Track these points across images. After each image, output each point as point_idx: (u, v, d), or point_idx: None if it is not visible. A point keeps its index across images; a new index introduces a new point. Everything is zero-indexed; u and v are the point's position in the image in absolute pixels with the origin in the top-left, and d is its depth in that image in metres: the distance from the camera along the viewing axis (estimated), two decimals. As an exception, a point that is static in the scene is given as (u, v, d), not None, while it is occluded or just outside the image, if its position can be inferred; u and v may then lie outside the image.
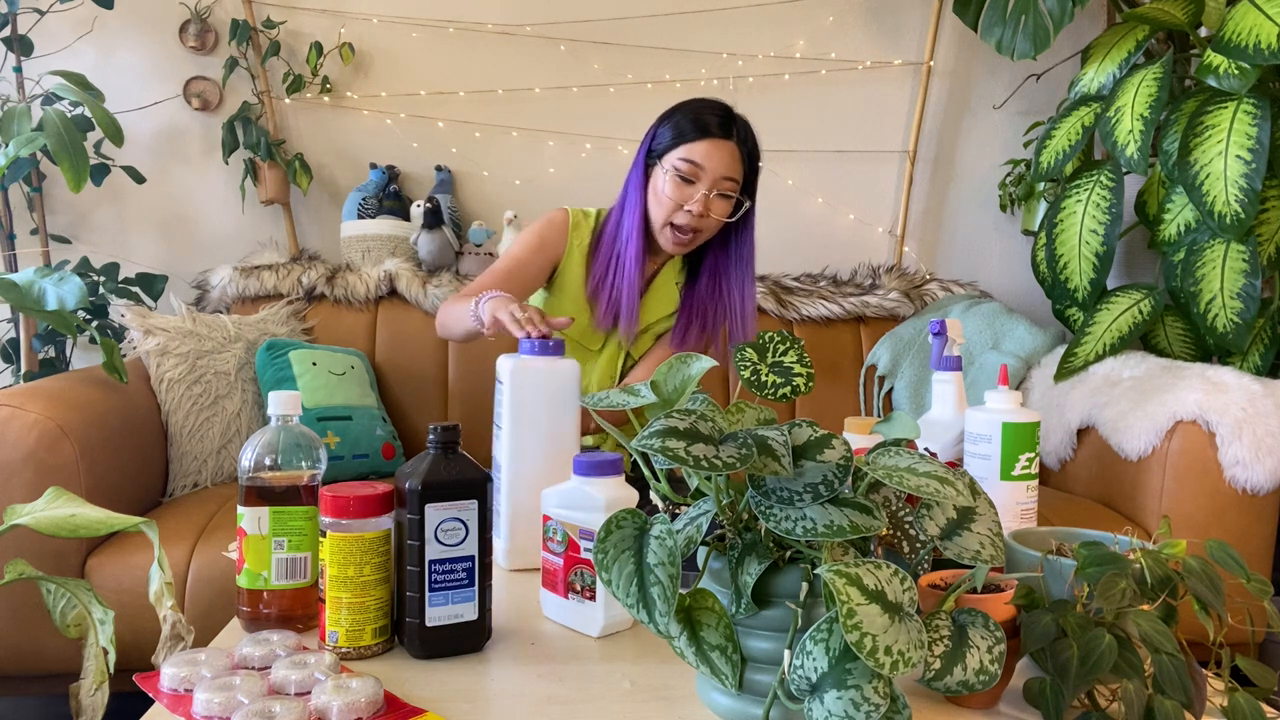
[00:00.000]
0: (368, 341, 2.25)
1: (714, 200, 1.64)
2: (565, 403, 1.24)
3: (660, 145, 1.67)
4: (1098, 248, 2.09)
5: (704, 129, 1.63)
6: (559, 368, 1.24)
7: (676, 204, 1.63)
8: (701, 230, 1.66)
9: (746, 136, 1.68)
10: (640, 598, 0.70)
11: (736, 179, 1.65)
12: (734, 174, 1.65)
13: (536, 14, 2.49)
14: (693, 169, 1.62)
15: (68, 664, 1.56)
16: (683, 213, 1.63)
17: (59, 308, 1.61)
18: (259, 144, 2.34)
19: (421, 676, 0.89)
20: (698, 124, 1.63)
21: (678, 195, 1.63)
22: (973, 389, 2.17)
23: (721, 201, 1.65)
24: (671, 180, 1.63)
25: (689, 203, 1.62)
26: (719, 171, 1.62)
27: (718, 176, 1.62)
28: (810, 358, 0.92)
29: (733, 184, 1.65)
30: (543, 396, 1.23)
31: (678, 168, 1.63)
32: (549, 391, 1.24)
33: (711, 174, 1.62)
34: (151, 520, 1.20)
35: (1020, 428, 1.17)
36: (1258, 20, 1.84)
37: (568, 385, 1.24)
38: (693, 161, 1.62)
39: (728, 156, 1.63)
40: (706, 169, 1.62)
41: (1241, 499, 1.71)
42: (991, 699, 0.83)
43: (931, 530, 0.79)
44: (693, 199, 1.62)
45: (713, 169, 1.62)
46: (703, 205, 1.62)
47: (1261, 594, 0.79)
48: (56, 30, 2.36)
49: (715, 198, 1.64)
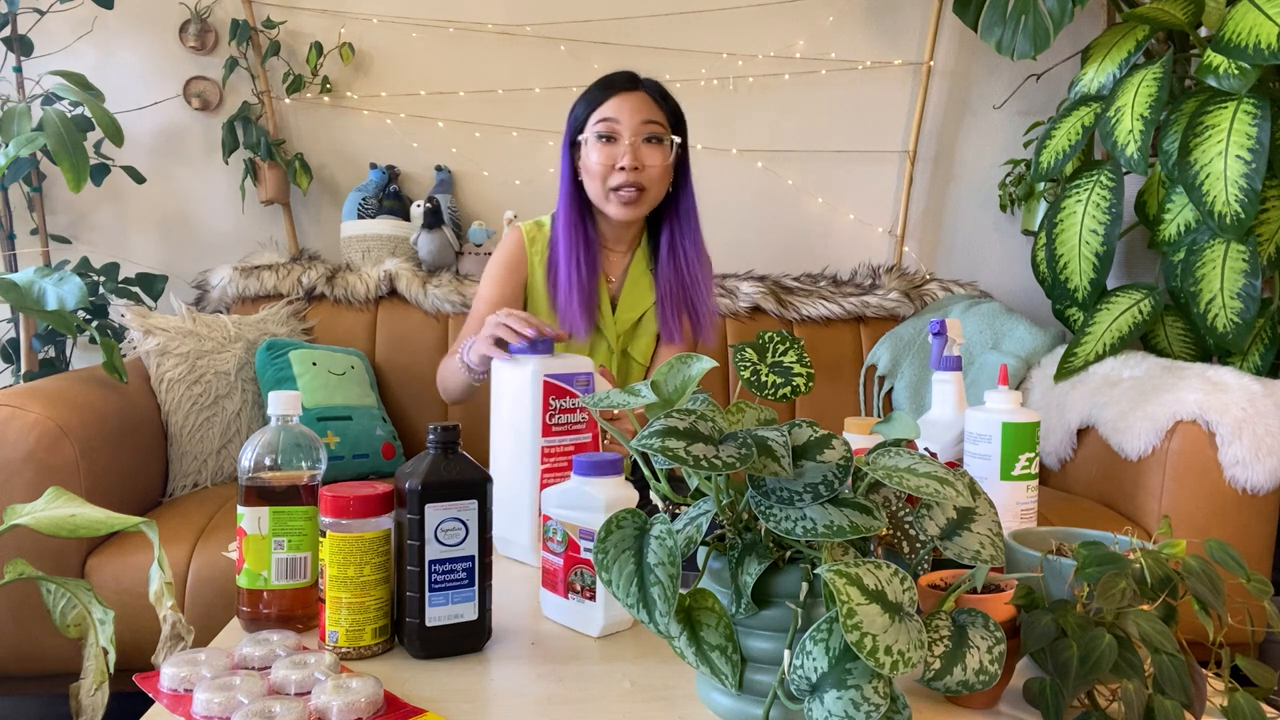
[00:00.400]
0: (368, 341, 2.25)
1: (642, 147, 1.63)
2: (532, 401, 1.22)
3: (577, 124, 1.68)
4: (1098, 248, 2.09)
5: (610, 87, 1.65)
6: (526, 368, 1.23)
7: (607, 166, 1.62)
8: (644, 185, 1.64)
9: (654, 86, 1.69)
10: (640, 598, 0.70)
11: (658, 120, 1.65)
12: (653, 116, 1.64)
13: (536, 14, 2.49)
14: (610, 125, 1.62)
15: (68, 664, 1.56)
16: (616, 172, 1.62)
17: (59, 308, 1.61)
18: (259, 144, 2.34)
19: (421, 676, 0.89)
20: (603, 86, 1.66)
21: (605, 157, 1.62)
22: (973, 389, 2.17)
23: (651, 148, 1.64)
24: (595, 146, 1.63)
25: (619, 160, 1.61)
26: (637, 117, 1.62)
27: (637, 123, 1.62)
28: (810, 358, 0.92)
29: (656, 126, 1.64)
30: (517, 396, 1.24)
31: (597, 131, 1.63)
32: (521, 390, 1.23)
33: (630, 123, 1.62)
34: (151, 520, 1.20)
35: (1020, 428, 1.17)
36: (1258, 20, 1.84)
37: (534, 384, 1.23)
38: (607, 118, 1.62)
39: (640, 103, 1.64)
40: (623, 120, 1.62)
41: (1241, 499, 1.71)
42: (991, 699, 0.83)
43: (931, 530, 0.79)
44: (620, 155, 1.61)
45: (629, 118, 1.62)
46: (632, 155, 1.61)
47: (1261, 594, 0.79)
48: (56, 30, 2.36)
49: (643, 145, 1.63)
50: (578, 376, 1.24)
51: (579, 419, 1.25)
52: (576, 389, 1.23)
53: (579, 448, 1.25)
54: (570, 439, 1.24)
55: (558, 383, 1.23)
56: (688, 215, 1.74)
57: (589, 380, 1.25)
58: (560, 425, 1.23)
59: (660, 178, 1.66)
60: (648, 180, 1.64)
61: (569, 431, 1.23)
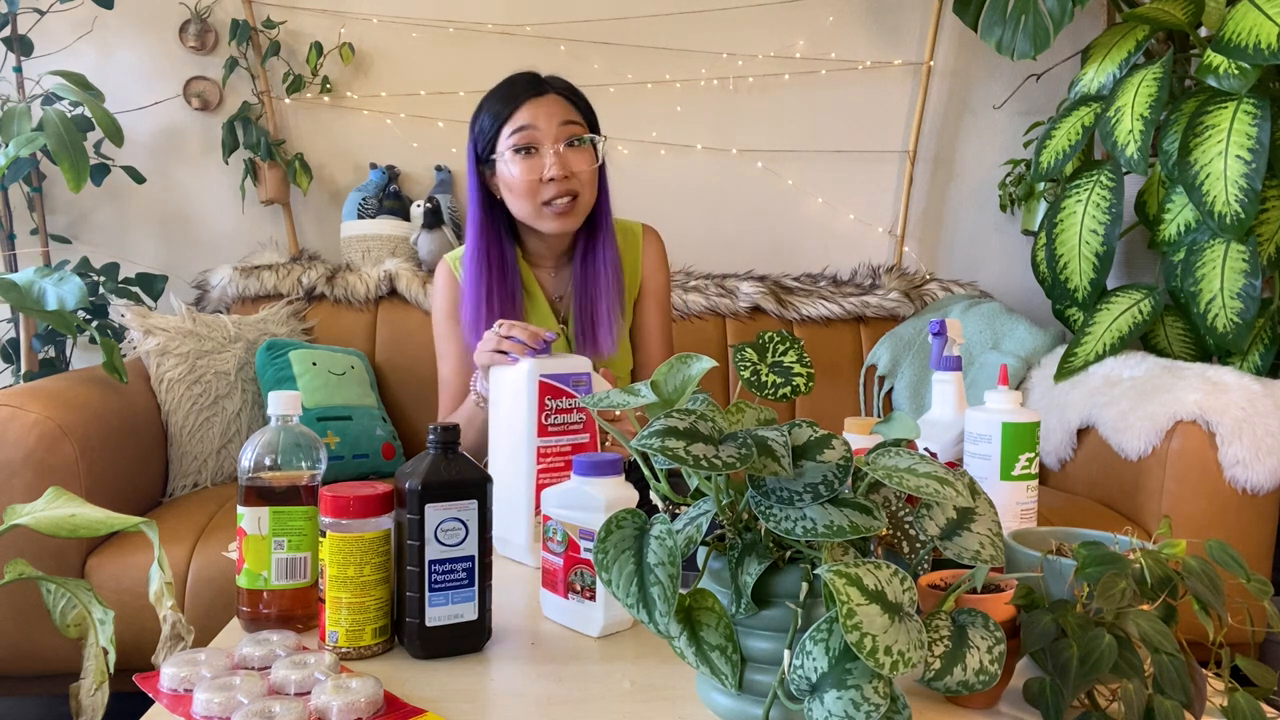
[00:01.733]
0: (368, 341, 2.25)
1: (567, 153, 1.51)
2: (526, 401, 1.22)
3: (484, 143, 1.55)
4: (1098, 248, 2.09)
5: (516, 95, 1.52)
6: (522, 368, 1.23)
7: (533, 180, 1.50)
8: (576, 192, 1.52)
9: (563, 85, 1.57)
10: (640, 598, 0.70)
11: (576, 120, 1.53)
12: (570, 116, 1.53)
13: (536, 14, 2.49)
14: (528, 134, 1.50)
15: (68, 664, 1.56)
16: (545, 185, 1.50)
17: (59, 308, 1.61)
18: (259, 144, 2.34)
19: (421, 676, 0.89)
20: (508, 96, 1.53)
21: (528, 171, 1.50)
22: (973, 389, 2.17)
23: (576, 151, 1.52)
24: (514, 161, 1.50)
25: (545, 170, 1.49)
26: (554, 121, 1.50)
27: (555, 127, 1.50)
28: (810, 358, 0.92)
29: (576, 126, 1.53)
30: (514, 396, 1.24)
31: (513, 144, 1.50)
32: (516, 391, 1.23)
33: (549, 129, 1.50)
34: (151, 520, 1.20)
35: (1020, 428, 1.17)
36: (1258, 20, 1.83)
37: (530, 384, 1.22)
38: (523, 127, 1.50)
39: (554, 105, 1.52)
40: (541, 127, 1.50)
41: (1241, 499, 1.71)
42: (991, 699, 0.83)
43: (931, 530, 0.79)
44: (546, 165, 1.49)
45: (546, 123, 1.50)
46: (559, 163, 1.49)
47: (1261, 594, 0.79)
48: (56, 30, 2.35)
49: (566, 150, 1.51)
50: (574, 377, 1.22)
51: (576, 419, 1.23)
52: (573, 389, 1.22)
53: (577, 448, 1.23)
54: (567, 439, 1.22)
55: (553, 383, 1.21)
56: (603, 223, 1.61)
57: (586, 380, 1.24)
58: (557, 425, 1.22)
59: (591, 181, 1.55)
60: (579, 186, 1.53)
61: (566, 432, 1.22)
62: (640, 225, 1.73)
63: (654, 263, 1.72)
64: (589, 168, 1.54)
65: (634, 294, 1.72)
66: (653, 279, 1.72)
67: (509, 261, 1.59)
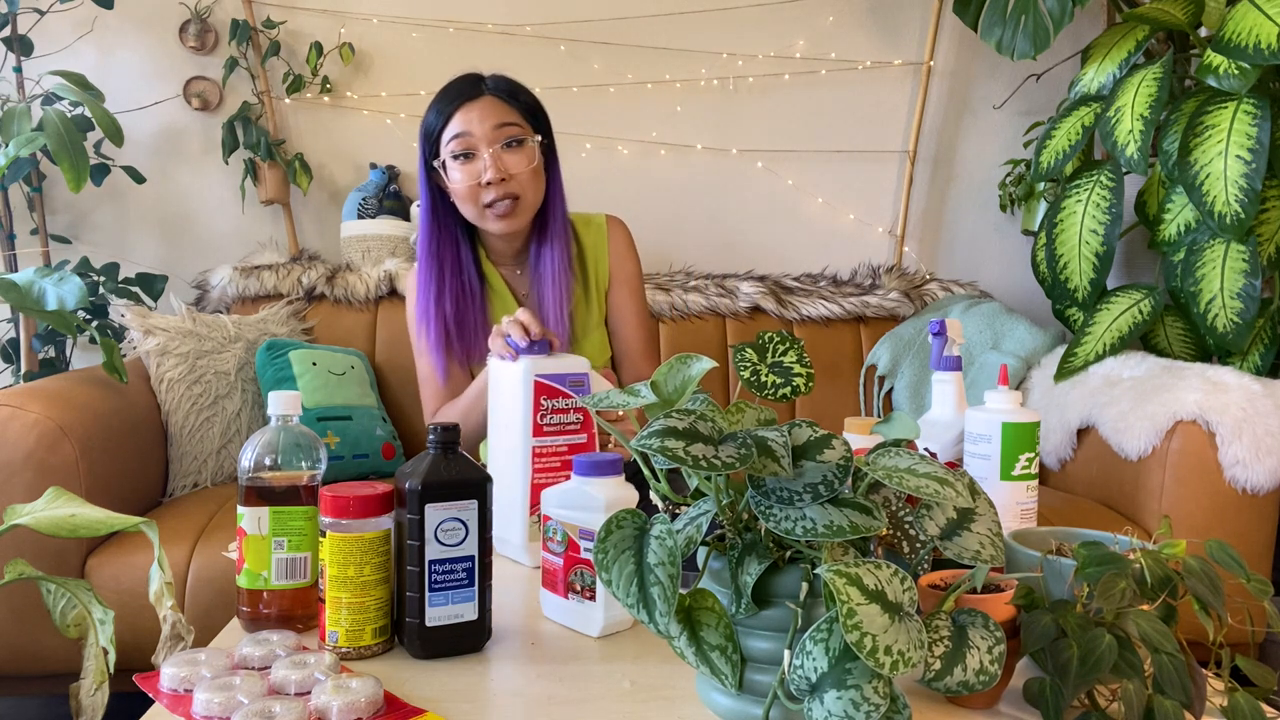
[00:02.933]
0: (368, 341, 2.25)
1: (503, 155, 1.52)
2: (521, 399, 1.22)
3: (429, 146, 1.58)
4: (1098, 248, 2.09)
5: (452, 101, 1.54)
6: (518, 367, 1.23)
7: (473, 185, 1.52)
8: (517, 194, 1.54)
9: (502, 84, 1.58)
10: (640, 598, 0.70)
11: (513, 121, 1.54)
12: (506, 118, 1.53)
13: (536, 14, 2.49)
14: (463, 140, 1.52)
15: (68, 664, 1.56)
16: (484, 188, 1.52)
17: (59, 308, 1.61)
18: (259, 144, 2.34)
19: (421, 676, 0.89)
20: (445, 101, 1.55)
21: (468, 176, 1.52)
22: (973, 389, 2.17)
23: (513, 153, 1.53)
24: (455, 167, 1.53)
25: (482, 174, 1.51)
26: (488, 124, 1.51)
27: (489, 130, 1.52)
28: (810, 358, 0.92)
29: (513, 128, 1.53)
30: (510, 396, 1.24)
31: (452, 150, 1.53)
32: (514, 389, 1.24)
33: (482, 132, 1.51)
34: (151, 520, 1.20)
35: (1020, 428, 1.17)
36: (1258, 20, 1.84)
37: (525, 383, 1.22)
38: (459, 134, 1.52)
39: (489, 108, 1.53)
40: (475, 132, 1.52)
41: (1241, 499, 1.71)
42: (991, 699, 0.83)
43: (931, 530, 0.79)
44: (482, 169, 1.51)
45: (480, 127, 1.51)
46: (495, 167, 1.51)
47: (1261, 594, 0.79)
48: (56, 30, 2.36)
49: (503, 152, 1.52)
50: (572, 377, 1.23)
51: (573, 419, 1.23)
52: (569, 389, 1.22)
53: (574, 448, 1.23)
54: (564, 439, 1.22)
55: (549, 383, 1.22)
56: (553, 219, 1.62)
57: (583, 380, 1.24)
58: (553, 425, 1.22)
59: (532, 180, 1.56)
60: (519, 187, 1.54)
61: (562, 432, 1.22)
62: (604, 216, 1.74)
63: (621, 251, 1.73)
64: (527, 168, 1.55)
65: (603, 284, 1.72)
66: (621, 268, 1.73)
67: (464, 259, 1.61)
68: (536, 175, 1.57)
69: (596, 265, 1.72)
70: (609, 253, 1.73)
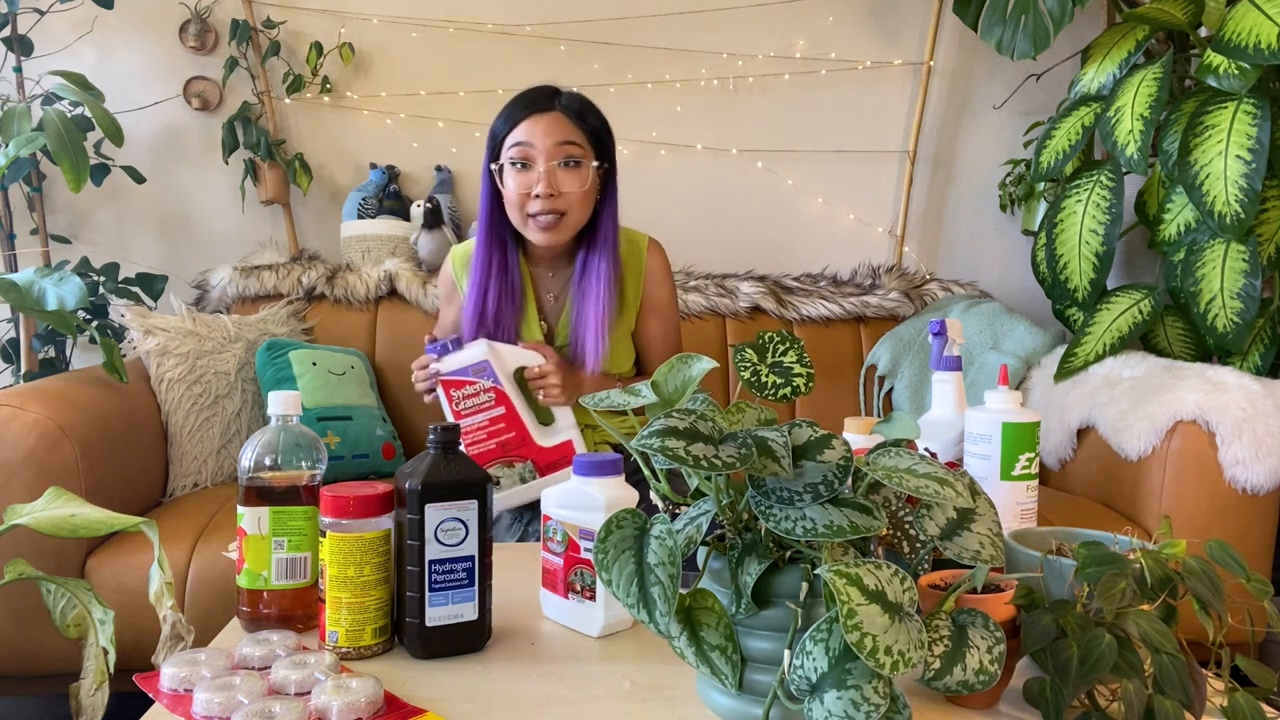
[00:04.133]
0: (368, 341, 2.25)
1: (558, 173, 1.56)
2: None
3: (493, 148, 1.62)
4: (1098, 248, 2.09)
5: (522, 109, 1.59)
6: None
7: (524, 194, 1.57)
8: (563, 211, 1.58)
9: (573, 103, 1.61)
10: (640, 598, 0.70)
11: (574, 141, 1.57)
12: (569, 137, 1.57)
13: (536, 14, 2.49)
14: (523, 150, 1.56)
15: (68, 664, 1.56)
16: (533, 199, 1.56)
17: (59, 308, 1.61)
18: (259, 144, 2.34)
19: (421, 676, 0.89)
20: (516, 108, 1.59)
21: (520, 184, 1.57)
22: (973, 389, 2.17)
23: (568, 172, 1.57)
24: (510, 173, 1.58)
25: (534, 186, 1.55)
26: (549, 140, 1.55)
27: (550, 146, 1.55)
28: (810, 358, 0.92)
29: (573, 147, 1.57)
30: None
31: (511, 157, 1.57)
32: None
33: (543, 147, 1.55)
34: (151, 520, 1.20)
35: (1020, 428, 1.17)
36: (1258, 20, 1.83)
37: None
38: (520, 143, 1.56)
39: (554, 124, 1.57)
40: (536, 144, 1.55)
41: (1241, 499, 1.71)
42: (991, 699, 0.83)
43: (931, 530, 0.79)
44: (535, 181, 1.55)
45: (542, 142, 1.55)
46: (547, 182, 1.54)
47: (1261, 594, 0.79)
48: (56, 30, 2.36)
49: (559, 170, 1.56)
50: (472, 366, 1.53)
51: (485, 398, 1.52)
52: (474, 377, 1.53)
53: (494, 420, 1.53)
54: (483, 416, 1.53)
55: (454, 378, 1.53)
56: (605, 238, 1.65)
57: (485, 366, 1.53)
58: (468, 409, 1.52)
59: (580, 202, 1.59)
60: (566, 205, 1.58)
61: (478, 411, 1.53)
62: (646, 239, 1.77)
63: (656, 277, 1.77)
64: (579, 189, 1.58)
65: (635, 303, 1.76)
66: (654, 293, 1.77)
67: (511, 260, 1.67)
68: (587, 197, 1.61)
69: (634, 285, 1.75)
70: (645, 276, 1.75)
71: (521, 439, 1.55)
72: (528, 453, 1.55)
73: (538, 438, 1.56)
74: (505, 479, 1.54)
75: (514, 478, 1.55)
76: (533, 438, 1.56)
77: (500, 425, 1.55)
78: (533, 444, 1.56)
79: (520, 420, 1.55)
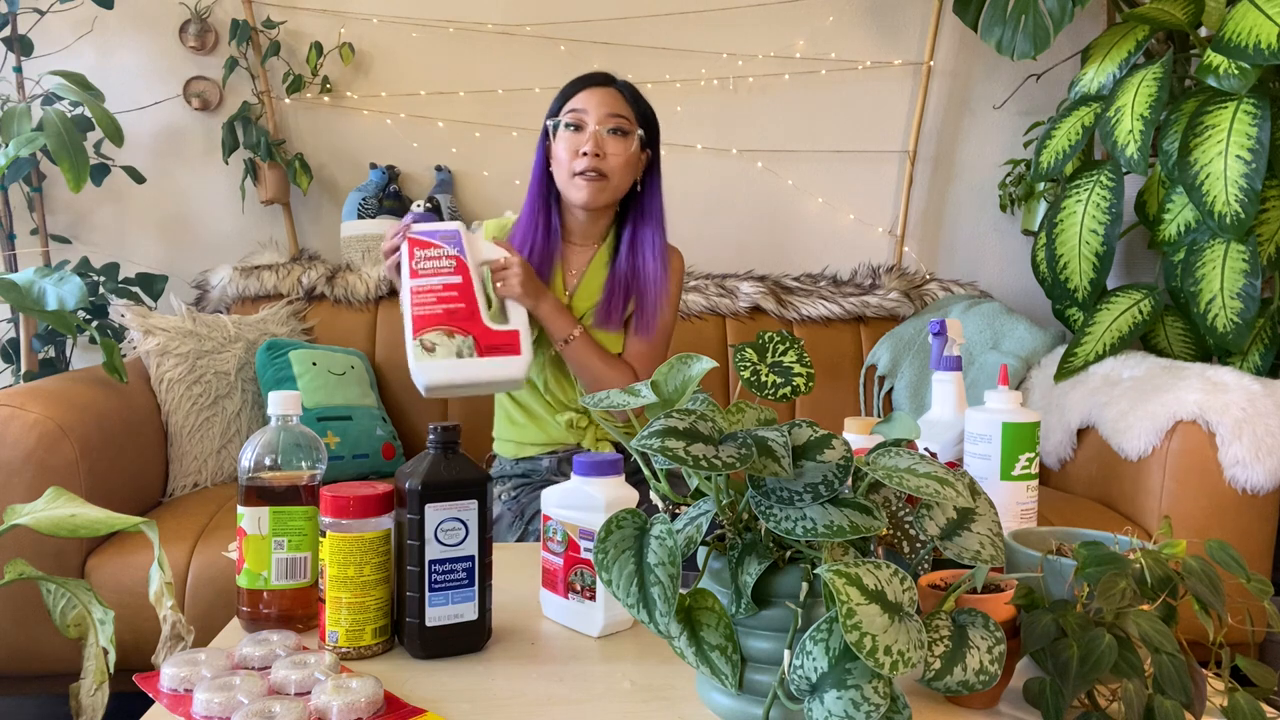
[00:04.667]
0: (368, 341, 2.25)
1: (606, 138, 1.68)
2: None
3: (551, 113, 1.74)
4: (1098, 248, 2.09)
5: (582, 83, 1.72)
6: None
7: (573, 152, 1.68)
8: (605, 173, 1.68)
9: (627, 87, 1.74)
10: (640, 598, 0.70)
11: (624, 114, 1.70)
12: (620, 110, 1.70)
13: (536, 14, 2.49)
14: (577, 115, 1.69)
15: (68, 664, 1.56)
16: (580, 158, 1.67)
17: (59, 308, 1.61)
18: (259, 144, 2.34)
19: (421, 676, 0.89)
20: (575, 83, 1.73)
21: (572, 144, 1.68)
22: (973, 389, 2.17)
23: (615, 139, 1.68)
24: (563, 135, 1.70)
25: (582, 146, 1.67)
26: (603, 109, 1.68)
27: (603, 114, 1.68)
28: (810, 358, 0.92)
29: (622, 119, 1.69)
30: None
31: (565, 120, 1.70)
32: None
33: (596, 113, 1.68)
34: (151, 520, 1.20)
35: (1020, 428, 1.17)
36: (1258, 20, 1.84)
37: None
38: (575, 109, 1.69)
39: (609, 97, 1.70)
40: (590, 110, 1.68)
41: (1241, 499, 1.71)
42: (991, 699, 0.83)
43: (931, 530, 0.79)
44: (584, 141, 1.67)
45: (596, 109, 1.68)
46: (594, 143, 1.66)
47: (1261, 594, 0.79)
48: (56, 30, 2.36)
49: (607, 135, 1.68)
50: (441, 233, 1.53)
51: (445, 264, 1.51)
52: (441, 243, 1.52)
53: (448, 286, 1.50)
54: (438, 280, 1.49)
55: (421, 238, 1.52)
56: (652, 213, 1.77)
57: (455, 236, 1.52)
58: (427, 270, 1.50)
59: (623, 168, 1.70)
60: (609, 169, 1.68)
61: (436, 274, 1.50)
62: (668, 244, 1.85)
63: (671, 274, 1.82)
64: (623, 154, 1.69)
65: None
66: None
67: (554, 227, 1.77)
68: (628, 165, 1.71)
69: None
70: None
71: (470, 313, 1.51)
72: (472, 328, 1.51)
73: (486, 320, 1.52)
74: (441, 348, 1.49)
75: (451, 350, 1.49)
76: (481, 316, 1.52)
77: (453, 294, 1.52)
78: (479, 321, 1.51)
79: (473, 295, 1.53)
